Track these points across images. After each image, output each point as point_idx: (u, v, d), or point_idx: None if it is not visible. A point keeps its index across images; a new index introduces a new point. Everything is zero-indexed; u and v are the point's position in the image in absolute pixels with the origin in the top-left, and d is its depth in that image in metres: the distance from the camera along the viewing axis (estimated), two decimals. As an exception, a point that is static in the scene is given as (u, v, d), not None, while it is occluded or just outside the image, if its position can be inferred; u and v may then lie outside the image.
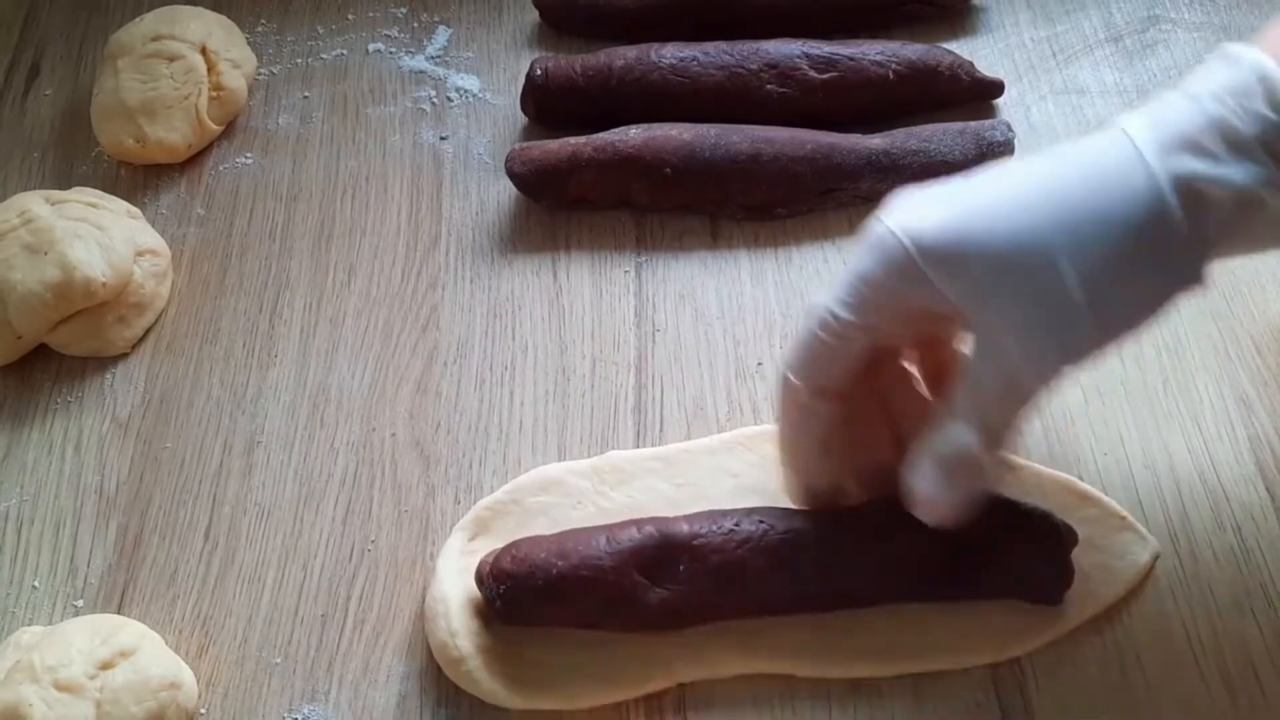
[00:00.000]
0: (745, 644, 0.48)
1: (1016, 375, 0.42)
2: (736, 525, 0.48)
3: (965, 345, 0.44)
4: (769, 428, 0.53)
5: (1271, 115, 0.39)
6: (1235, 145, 0.40)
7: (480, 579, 0.48)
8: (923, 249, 0.41)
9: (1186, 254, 0.40)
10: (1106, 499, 0.52)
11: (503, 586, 0.47)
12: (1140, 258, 0.40)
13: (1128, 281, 0.40)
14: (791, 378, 0.46)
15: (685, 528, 0.48)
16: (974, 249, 0.41)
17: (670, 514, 0.49)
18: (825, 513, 0.49)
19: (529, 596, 0.47)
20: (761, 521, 0.48)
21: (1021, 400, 0.42)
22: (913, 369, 0.49)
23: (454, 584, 0.49)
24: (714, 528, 0.48)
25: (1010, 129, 0.62)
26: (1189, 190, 0.40)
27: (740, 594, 0.47)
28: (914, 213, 0.43)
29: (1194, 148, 0.40)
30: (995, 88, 0.65)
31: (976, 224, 0.41)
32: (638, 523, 0.48)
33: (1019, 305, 0.41)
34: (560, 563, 0.47)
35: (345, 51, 0.72)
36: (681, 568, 0.47)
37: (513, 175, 0.63)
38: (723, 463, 0.53)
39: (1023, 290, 0.41)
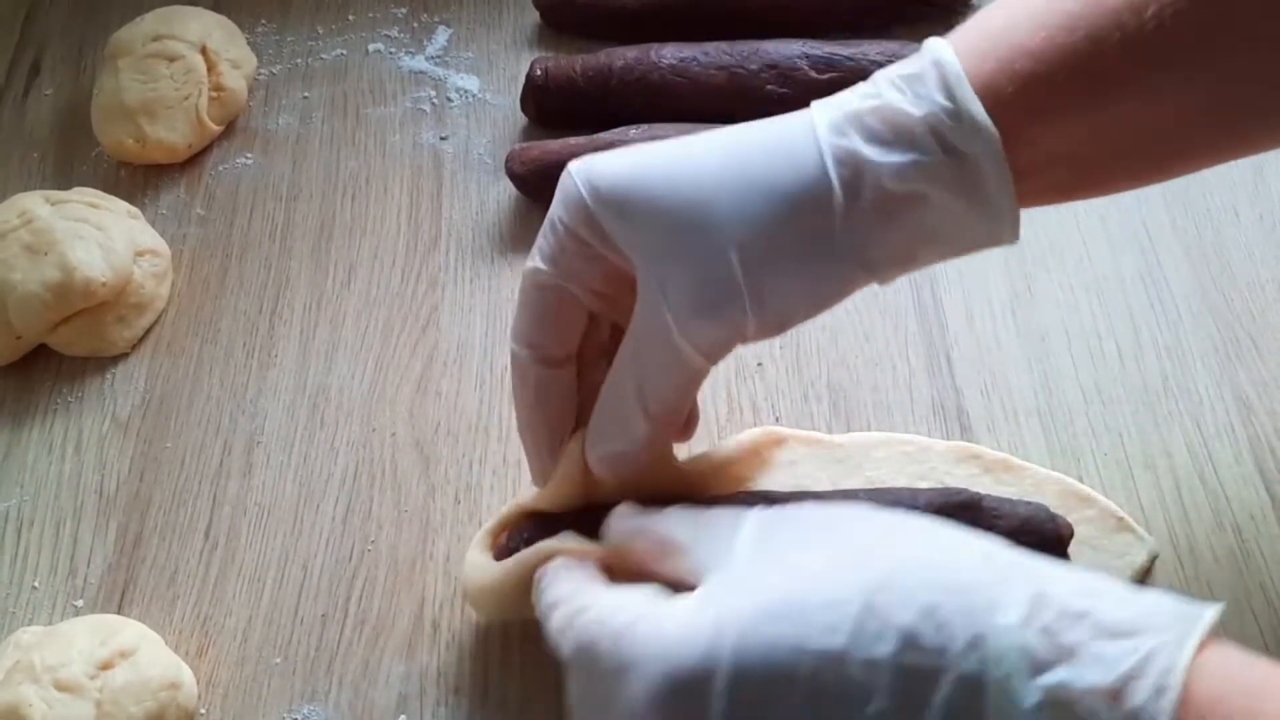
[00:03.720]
0: None
1: (673, 343, 0.41)
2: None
3: None
4: (771, 429, 0.53)
5: (941, 99, 0.39)
6: (902, 129, 0.39)
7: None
8: (597, 193, 0.41)
9: (847, 238, 0.39)
10: (1104, 500, 0.51)
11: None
12: (801, 238, 0.40)
13: (787, 264, 0.40)
14: (515, 346, 0.45)
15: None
16: (644, 200, 0.40)
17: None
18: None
19: None
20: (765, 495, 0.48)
21: (680, 371, 0.42)
22: None
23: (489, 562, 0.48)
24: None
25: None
26: (852, 170, 0.39)
27: None
28: (601, 161, 0.42)
29: (864, 129, 0.39)
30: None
31: (654, 176, 0.41)
32: None
33: (683, 268, 0.40)
34: None
35: (345, 52, 0.72)
36: None
37: (513, 175, 0.63)
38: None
39: (689, 253, 0.40)
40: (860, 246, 0.40)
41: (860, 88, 0.41)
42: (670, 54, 0.64)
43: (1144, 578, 0.50)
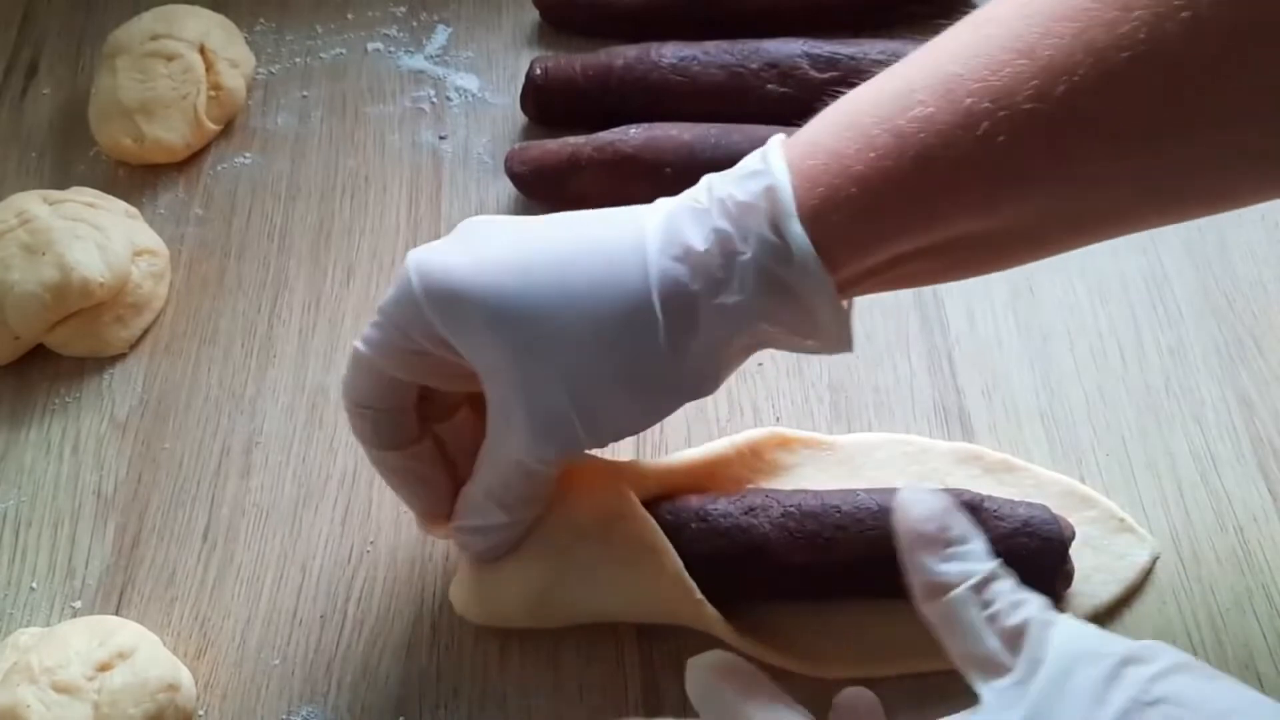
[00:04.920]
0: (747, 629, 0.48)
1: (520, 458, 0.41)
2: (742, 498, 0.48)
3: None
4: (777, 430, 0.53)
5: (770, 237, 0.37)
6: (733, 267, 0.38)
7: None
8: (427, 287, 0.40)
9: (674, 372, 0.39)
10: (1105, 500, 0.51)
11: None
12: (629, 371, 0.39)
13: (616, 394, 0.40)
14: (347, 404, 0.44)
15: (694, 500, 0.49)
16: (476, 303, 0.39)
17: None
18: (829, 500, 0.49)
19: None
20: (768, 496, 0.49)
21: (530, 478, 0.42)
22: None
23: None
24: (725, 503, 0.48)
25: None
26: (679, 309, 0.38)
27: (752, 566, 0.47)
28: (439, 256, 0.41)
29: (694, 265, 0.38)
30: (996, 87, 0.65)
31: (488, 286, 0.39)
32: None
33: (519, 395, 0.40)
34: None
35: (344, 51, 0.72)
36: (694, 526, 0.47)
37: (513, 175, 0.63)
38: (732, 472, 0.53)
39: (524, 380, 0.40)
40: (688, 378, 0.40)
41: (700, 198, 0.40)
42: (670, 53, 0.64)
43: (1145, 579, 0.50)
